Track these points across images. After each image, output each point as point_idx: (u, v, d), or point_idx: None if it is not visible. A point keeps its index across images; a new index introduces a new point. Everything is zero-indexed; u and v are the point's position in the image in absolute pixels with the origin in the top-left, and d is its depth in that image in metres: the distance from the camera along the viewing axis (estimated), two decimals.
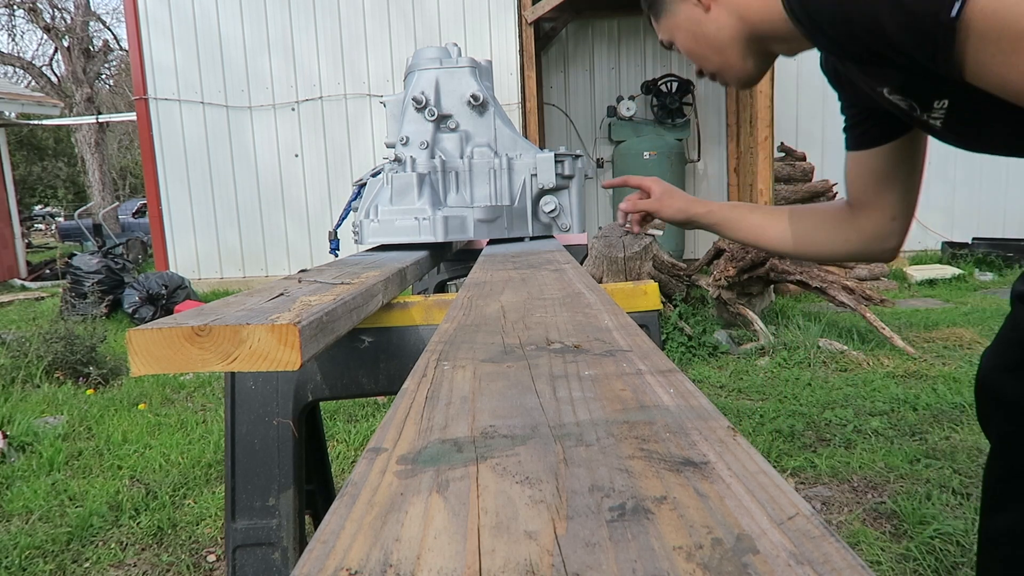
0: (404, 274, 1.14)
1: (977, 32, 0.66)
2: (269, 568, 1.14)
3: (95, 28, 16.39)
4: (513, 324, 0.68)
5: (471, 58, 1.64)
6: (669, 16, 1.09)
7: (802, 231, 1.24)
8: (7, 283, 9.38)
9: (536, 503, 0.30)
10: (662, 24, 1.12)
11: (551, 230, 1.66)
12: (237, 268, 7.40)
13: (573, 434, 0.38)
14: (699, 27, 1.05)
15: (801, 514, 0.28)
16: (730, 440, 0.36)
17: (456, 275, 2.05)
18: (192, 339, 0.63)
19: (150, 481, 2.57)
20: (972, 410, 2.89)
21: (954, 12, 0.66)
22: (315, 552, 0.27)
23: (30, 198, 22.48)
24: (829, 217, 1.21)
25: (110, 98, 20.79)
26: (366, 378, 1.12)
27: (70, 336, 4.03)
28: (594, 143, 8.15)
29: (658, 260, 4.32)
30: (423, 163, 1.54)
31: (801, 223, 1.24)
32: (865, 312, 4.07)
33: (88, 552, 2.12)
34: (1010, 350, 1.09)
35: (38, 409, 3.41)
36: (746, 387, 3.41)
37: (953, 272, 6.31)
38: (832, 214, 1.21)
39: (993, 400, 1.12)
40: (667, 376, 0.48)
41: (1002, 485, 1.12)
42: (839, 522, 2.07)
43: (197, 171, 7.28)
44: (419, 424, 0.41)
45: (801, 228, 1.24)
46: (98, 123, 13.34)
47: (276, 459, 1.13)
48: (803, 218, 1.25)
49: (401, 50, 6.97)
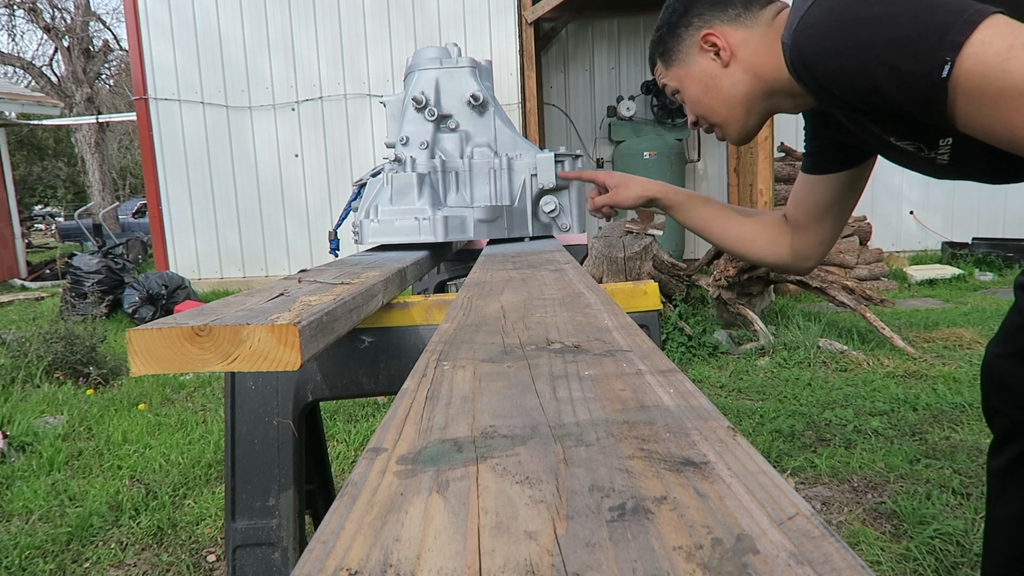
0: (404, 274, 1.14)
1: (964, 90, 0.76)
2: (269, 568, 1.14)
3: (95, 28, 16.40)
4: (513, 324, 0.68)
5: (471, 58, 1.64)
6: (683, 66, 1.13)
7: (746, 232, 1.34)
8: (7, 283, 9.38)
9: (536, 503, 0.30)
10: (672, 72, 1.15)
11: (551, 230, 1.66)
12: (237, 268, 7.40)
13: (573, 434, 0.38)
14: (714, 81, 1.10)
15: (801, 514, 0.28)
16: (730, 440, 0.36)
17: (456, 275, 2.05)
18: (192, 339, 0.63)
19: (150, 481, 2.57)
20: (972, 410, 2.89)
21: (944, 73, 0.76)
22: (315, 552, 0.27)
23: (30, 198, 22.48)
24: (771, 226, 1.32)
25: (110, 98, 20.78)
26: (366, 378, 1.12)
27: (70, 336, 4.03)
28: (594, 143, 8.15)
29: (658, 260, 4.32)
30: (423, 163, 1.54)
31: (747, 225, 1.34)
32: (865, 312, 4.07)
33: (88, 552, 2.12)
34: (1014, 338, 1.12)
35: (38, 409, 3.41)
36: (746, 387, 3.41)
37: (953, 272, 6.31)
38: (774, 224, 1.32)
39: (998, 387, 1.15)
40: (667, 376, 0.48)
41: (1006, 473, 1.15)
42: (839, 522, 2.07)
43: (197, 171, 7.28)
44: (419, 424, 0.41)
45: (746, 230, 1.34)
46: (98, 123, 13.35)
47: (276, 459, 1.13)
48: (750, 222, 1.34)
49: (401, 50, 6.97)
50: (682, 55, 1.12)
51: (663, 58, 1.16)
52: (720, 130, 1.16)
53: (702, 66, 1.10)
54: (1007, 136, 0.76)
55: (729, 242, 1.35)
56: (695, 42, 1.10)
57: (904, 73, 0.79)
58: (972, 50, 0.74)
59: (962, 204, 7.47)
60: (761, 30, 1.05)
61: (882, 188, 7.38)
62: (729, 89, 1.09)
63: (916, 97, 0.80)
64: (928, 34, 0.77)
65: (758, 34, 1.05)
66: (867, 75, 0.82)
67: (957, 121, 0.79)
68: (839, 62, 0.85)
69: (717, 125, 1.15)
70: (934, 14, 0.77)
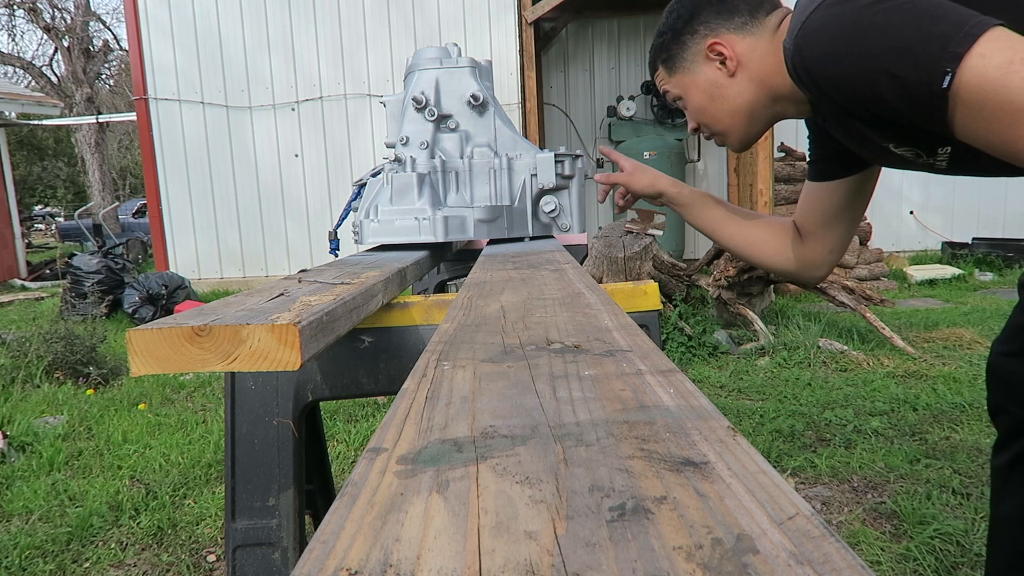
0: (404, 274, 1.15)
1: (963, 101, 0.76)
2: (269, 568, 1.14)
3: (95, 28, 16.39)
4: (513, 324, 0.68)
5: (471, 58, 1.64)
6: (687, 74, 1.12)
7: (757, 238, 1.33)
8: (7, 283, 9.38)
9: (536, 503, 0.30)
10: (676, 79, 1.14)
11: (551, 230, 1.66)
12: (237, 268, 7.40)
13: (573, 434, 0.38)
14: (719, 90, 1.09)
15: (801, 514, 0.28)
16: (730, 440, 0.36)
17: (456, 275, 2.05)
18: (192, 339, 0.63)
19: (150, 481, 2.57)
20: (972, 410, 2.89)
21: (945, 84, 0.76)
22: (315, 552, 0.27)
23: (30, 198, 22.48)
24: (781, 233, 1.31)
25: (110, 98, 20.78)
26: (366, 378, 1.12)
27: (70, 336, 4.03)
28: (594, 143, 8.15)
29: (658, 260, 4.32)
30: (423, 163, 1.54)
31: (758, 230, 1.33)
32: (865, 312, 4.07)
33: (88, 552, 2.12)
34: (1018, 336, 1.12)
35: (38, 409, 3.41)
36: (746, 387, 3.41)
37: (953, 272, 6.31)
38: (783, 231, 1.30)
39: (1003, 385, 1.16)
40: (667, 376, 0.48)
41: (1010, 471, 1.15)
42: (839, 522, 2.07)
43: (197, 171, 7.28)
44: (419, 424, 0.41)
45: (757, 235, 1.33)
46: (98, 123, 13.35)
47: (276, 459, 1.13)
48: (760, 227, 1.33)
49: (401, 50, 6.97)
50: (686, 63, 1.11)
51: (666, 64, 1.15)
52: (721, 138, 1.16)
53: (707, 75, 1.09)
54: (1004, 149, 0.77)
55: (738, 246, 1.34)
56: (700, 51, 1.09)
57: (904, 81, 0.79)
58: (972, 63, 0.74)
59: (962, 204, 7.47)
60: (767, 38, 1.04)
61: (882, 188, 7.37)
62: (735, 98, 1.08)
63: (916, 105, 0.80)
64: (929, 44, 0.77)
65: (764, 42, 1.04)
66: (868, 82, 0.83)
67: (956, 131, 0.80)
68: (841, 68, 0.85)
69: (719, 133, 1.15)
70: (935, 24, 0.77)
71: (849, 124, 0.97)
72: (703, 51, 1.08)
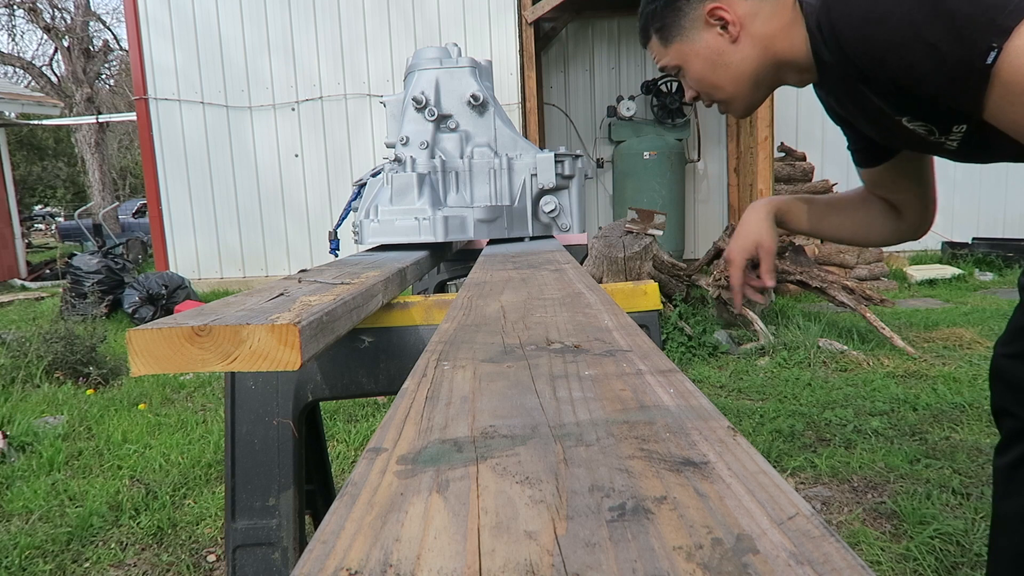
0: (404, 274, 1.15)
1: (1003, 82, 0.73)
2: (269, 568, 1.14)
3: (95, 28, 16.39)
4: (513, 324, 0.68)
5: (471, 58, 1.64)
6: (686, 42, 1.05)
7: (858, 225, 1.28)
8: (7, 283, 9.38)
9: (536, 503, 0.30)
10: (673, 49, 1.07)
11: (551, 230, 1.66)
12: (237, 268, 7.40)
13: (573, 434, 0.38)
14: (722, 57, 1.03)
15: (801, 514, 0.28)
16: (730, 440, 0.36)
17: (456, 275, 2.05)
18: (192, 339, 0.63)
19: (150, 481, 2.57)
20: (972, 410, 2.89)
21: (989, 60, 0.72)
22: (315, 552, 0.27)
23: (30, 198, 22.48)
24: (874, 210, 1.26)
25: (110, 98, 20.77)
26: (366, 378, 1.12)
27: (70, 336, 4.03)
28: (594, 143, 8.15)
29: (658, 260, 4.32)
30: (423, 163, 1.54)
31: (856, 216, 1.28)
32: (865, 312, 4.07)
33: (88, 552, 2.12)
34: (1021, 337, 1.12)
35: (38, 409, 3.41)
36: (746, 387, 3.41)
37: (953, 272, 6.31)
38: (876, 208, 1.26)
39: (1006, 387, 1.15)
40: (667, 376, 0.48)
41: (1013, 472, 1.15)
42: (839, 522, 2.07)
43: (197, 171, 7.28)
44: (419, 424, 0.41)
45: (855, 222, 1.28)
46: (98, 123, 13.34)
47: (276, 459, 1.13)
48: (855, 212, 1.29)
49: (401, 50, 6.97)
50: (684, 30, 1.04)
51: (660, 34, 1.08)
52: (724, 105, 1.10)
53: (708, 42, 1.02)
54: None
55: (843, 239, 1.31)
56: (699, 16, 1.02)
57: (944, 54, 0.75)
58: (1019, 42, 0.70)
59: (962, 204, 7.47)
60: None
61: None
62: (738, 65, 1.02)
63: (951, 80, 0.76)
64: (975, 15, 0.72)
65: (768, 4, 0.98)
66: (902, 51, 0.78)
67: (986, 110, 0.76)
68: (872, 33, 0.80)
69: (722, 101, 1.09)
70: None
71: (861, 93, 0.92)
72: (702, 16, 1.01)
